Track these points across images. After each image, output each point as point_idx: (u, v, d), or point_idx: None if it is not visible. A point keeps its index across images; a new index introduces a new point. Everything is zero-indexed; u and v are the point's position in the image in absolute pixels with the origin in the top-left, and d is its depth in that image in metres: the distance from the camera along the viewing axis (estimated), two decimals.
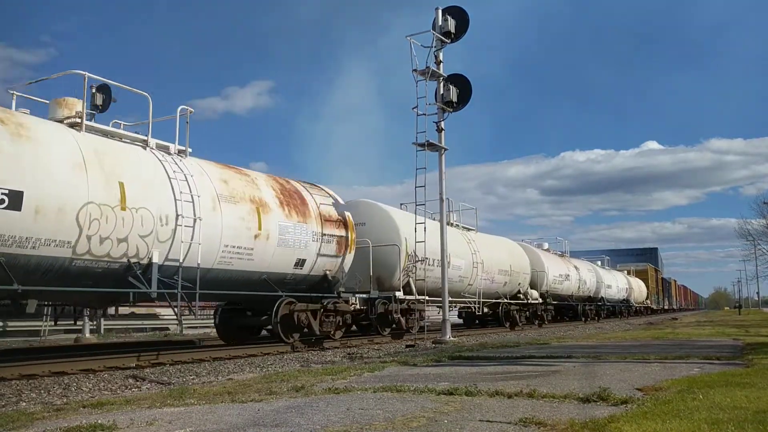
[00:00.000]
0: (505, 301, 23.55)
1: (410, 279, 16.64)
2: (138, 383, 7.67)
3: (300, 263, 12.91)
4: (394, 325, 16.54)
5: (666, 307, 70.64)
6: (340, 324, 14.29)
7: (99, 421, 4.24)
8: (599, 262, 40.93)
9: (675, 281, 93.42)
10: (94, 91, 17.09)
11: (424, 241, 15.65)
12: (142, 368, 9.33)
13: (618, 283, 41.02)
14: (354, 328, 17.16)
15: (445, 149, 15.94)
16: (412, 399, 5.16)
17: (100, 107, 17.06)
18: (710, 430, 3.65)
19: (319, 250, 13.37)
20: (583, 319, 32.12)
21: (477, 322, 24.55)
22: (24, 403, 6.09)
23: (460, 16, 16.10)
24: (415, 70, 15.37)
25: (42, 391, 6.97)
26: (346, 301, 14.65)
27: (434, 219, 18.05)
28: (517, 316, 24.15)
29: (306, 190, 13.88)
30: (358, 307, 15.88)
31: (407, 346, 13.50)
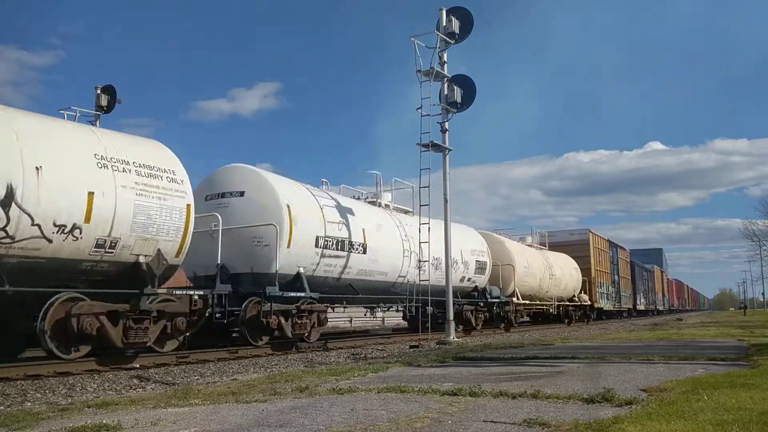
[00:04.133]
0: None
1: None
2: (142, 383, 7.69)
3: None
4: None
5: (643, 308, 49.07)
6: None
7: (104, 421, 4.26)
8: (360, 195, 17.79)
9: (662, 272, 70.35)
10: (98, 92, 17.21)
11: (429, 242, 15.66)
12: (146, 368, 9.35)
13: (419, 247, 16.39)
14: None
15: (450, 150, 15.95)
16: (415, 399, 5.16)
17: (105, 108, 17.18)
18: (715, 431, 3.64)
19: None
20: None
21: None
22: (29, 403, 6.11)
23: (464, 16, 16.11)
24: (419, 71, 15.37)
25: (47, 391, 6.99)
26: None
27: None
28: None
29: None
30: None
31: (411, 347, 13.49)
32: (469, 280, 20.02)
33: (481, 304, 20.61)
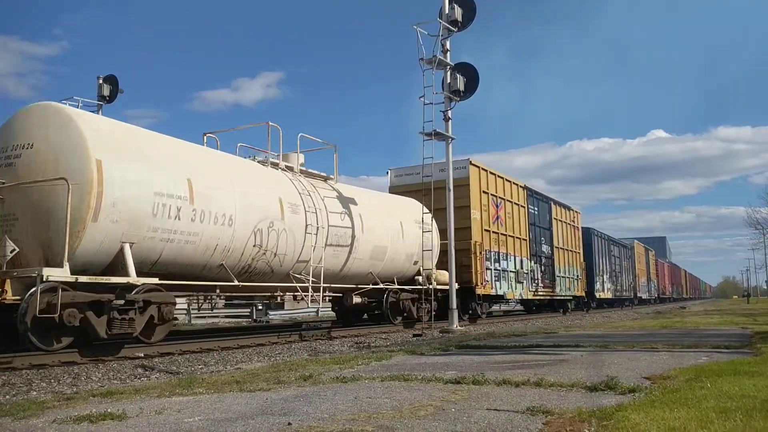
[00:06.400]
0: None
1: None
2: (147, 373, 7.72)
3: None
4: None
5: (608, 296, 35.50)
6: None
7: (108, 410, 4.27)
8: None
9: (648, 250, 55.93)
10: (100, 82, 17.21)
11: (431, 234, 15.60)
12: (150, 358, 9.39)
13: None
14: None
15: (453, 138, 15.90)
16: (419, 388, 5.17)
17: (107, 98, 17.19)
18: (718, 419, 3.64)
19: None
20: None
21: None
22: (34, 392, 6.14)
23: (466, 4, 16.01)
24: (421, 59, 15.30)
25: (52, 381, 7.03)
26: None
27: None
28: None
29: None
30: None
31: (414, 335, 13.53)
32: None
33: None
